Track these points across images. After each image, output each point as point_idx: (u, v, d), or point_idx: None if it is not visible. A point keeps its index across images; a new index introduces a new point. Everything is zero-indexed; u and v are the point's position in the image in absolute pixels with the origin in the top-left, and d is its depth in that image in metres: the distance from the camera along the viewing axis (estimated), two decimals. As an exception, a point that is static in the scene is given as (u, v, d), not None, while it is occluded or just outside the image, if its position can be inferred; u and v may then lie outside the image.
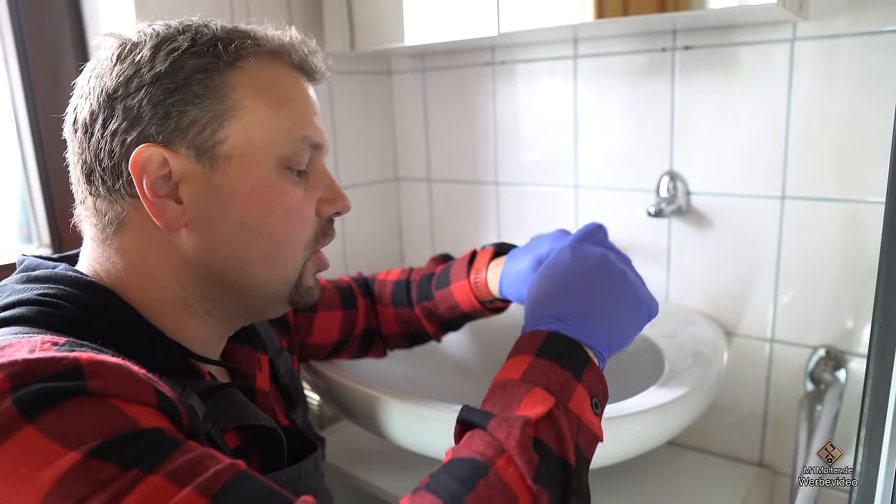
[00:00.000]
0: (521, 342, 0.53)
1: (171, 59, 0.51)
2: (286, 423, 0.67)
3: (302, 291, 0.60)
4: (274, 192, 0.55)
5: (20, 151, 0.93)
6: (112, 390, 0.41)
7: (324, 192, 0.59)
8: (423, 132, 1.26)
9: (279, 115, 0.55)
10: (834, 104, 0.83)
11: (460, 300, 0.78)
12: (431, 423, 0.71)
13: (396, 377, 0.97)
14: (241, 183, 0.53)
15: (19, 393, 0.38)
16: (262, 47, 0.55)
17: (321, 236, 0.60)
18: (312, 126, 0.57)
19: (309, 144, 0.57)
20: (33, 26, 0.90)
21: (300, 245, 0.58)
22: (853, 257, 0.85)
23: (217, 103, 0.52)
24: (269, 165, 0.54)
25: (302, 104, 0.57)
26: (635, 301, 0.56)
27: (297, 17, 1.09)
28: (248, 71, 0.54)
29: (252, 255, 0.55)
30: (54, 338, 0.45)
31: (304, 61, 0.58)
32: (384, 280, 0.87)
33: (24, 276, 0.53)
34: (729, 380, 0.94)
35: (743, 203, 0.92)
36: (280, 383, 0.69)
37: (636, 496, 0.86)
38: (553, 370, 0.49)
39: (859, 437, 0.47)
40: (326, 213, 0.60)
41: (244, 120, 0.53)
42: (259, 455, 0.59)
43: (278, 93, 0.55)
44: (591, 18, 0.82)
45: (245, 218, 0.54)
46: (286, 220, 0.56)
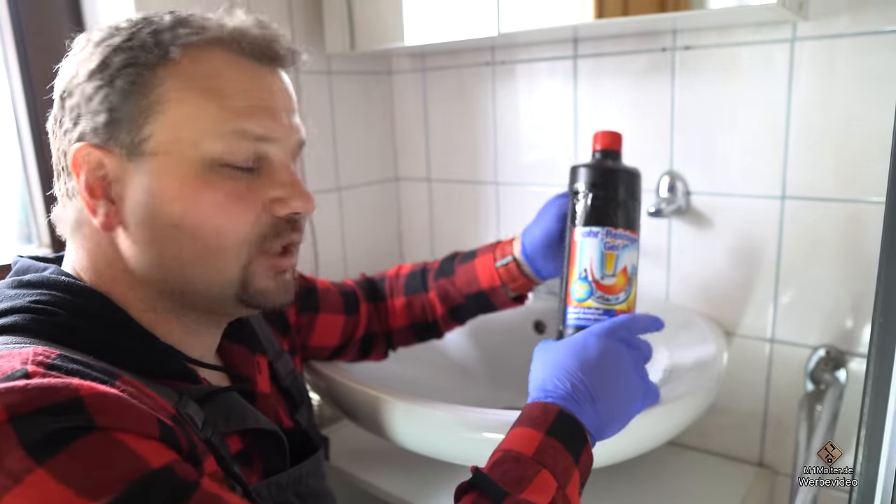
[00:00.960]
0: (535, 413, 0.57)
1: (102, 55, 0.51)
2: (290, 424, 0.66)
3: (252, 293, 0.55)
4: (201, 190, 0.51)
5: (20, 151, 0.93)
6: (117, 424, 0.41)
7: (279, 190, 0.55)
8: (423, 132, 1.26)
9: (208, 107, 0.51)
10: (834, 104, 0.83)
11: (481, 273, 0.80)
12: (432, 423, 0.71)
13: (396, 378, 0.97)
14: (167, 181, 0.51)
15: (22, 428, 0.38)
16: (200, 36, 0.52)
17: (272, 236, 0.55)
18: (255, 118, 0.53)
19: (251, 138, 0.53)
20: (33, 26, 0.89)
21: (237, 244, 0.54)
22: (853, 257, 0.85)
23: (142, 99, 0.50)
24: (196, 161, 0.51)
25: (245, 94, 0.53)
26: (634, 399, 0.62)
27: (297, 17, 1.09)
28: (181, 63, 0.51)
29: (185, 254, 0.53)
30: (46, 350, 0.44)
31: (257, 48, 0.54)
32: (396, 274, 0.88)
33: (16, 281, 0.53)
34: (729, 380, 0.94)
35: (743, 203, 0.92)
36: (281, 385, 0.68)
37: (636, 496, 0.86)
38: (560, 454, 0.54)
39: (859, 437, 0.47)
40: (279, 213, 0.55)
41: (169, 114, 0.51)
42: (261, 458, 0.59)
43: (211, 83, 0.52)
44: (591, 18, 0.82)
45: (173, 217, 0.52)
46: (216, 219, 0.52)
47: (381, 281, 0.88)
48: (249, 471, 0.57)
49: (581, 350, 0.61)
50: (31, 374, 0.41)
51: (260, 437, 0.58)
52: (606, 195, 0.68)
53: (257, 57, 0.54)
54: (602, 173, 0.69)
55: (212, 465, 0.49)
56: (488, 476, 0.52)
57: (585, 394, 0.58)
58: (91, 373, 0.44)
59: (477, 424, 0.68)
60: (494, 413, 0.69)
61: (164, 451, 0.42)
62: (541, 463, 0.53)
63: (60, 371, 0.42)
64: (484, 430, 0.67)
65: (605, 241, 0.67)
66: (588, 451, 0.57)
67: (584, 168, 0.69)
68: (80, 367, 0.44)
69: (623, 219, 0.68)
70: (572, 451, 0.55)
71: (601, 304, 0.66)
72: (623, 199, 0.68)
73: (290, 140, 0.56)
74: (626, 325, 0.64)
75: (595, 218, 0.67)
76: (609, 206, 0.67)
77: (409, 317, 0.85)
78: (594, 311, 0.67)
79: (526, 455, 0.53)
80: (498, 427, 0.66)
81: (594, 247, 0.67)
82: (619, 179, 0.68)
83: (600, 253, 0.67)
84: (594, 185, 0.68)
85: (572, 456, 0.55)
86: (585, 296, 0.67)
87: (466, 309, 0.83)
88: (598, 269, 0.67)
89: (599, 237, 0.67)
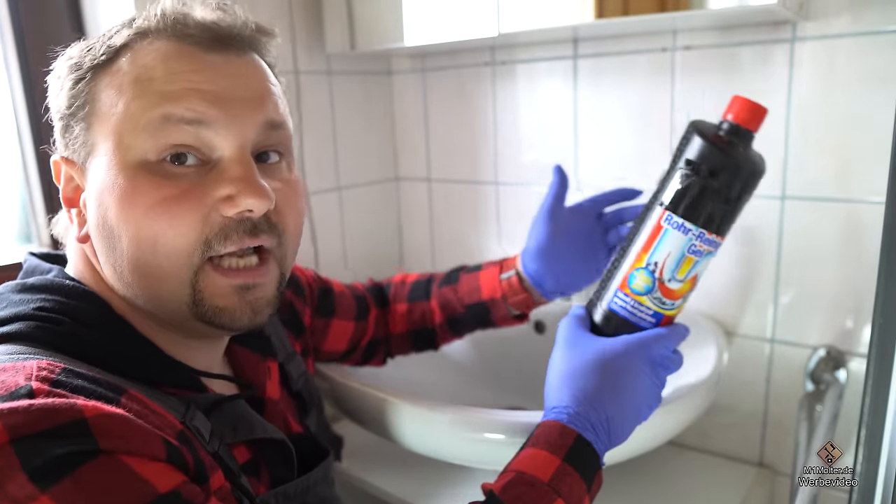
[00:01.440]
0: (552, 436, 0.55)
1: (60, 72, 0.52)
2: (299, 429, 0.65)
3: (207, 311, 0.49)
4: (131, 190, 0.47)
5: (20, 151, 0.93)
6: (122, 446, 0.39)
7: (227, 186, 0.48)
8: (423, 132, 1.26)
9: (131, 98, 0.47)
10: (834, 104, 0.83)
11: (484, 283, 0.80)
12: (434, 424, 0.71)
13: (398, 380, 0.97)
14: (105, 184, 0.48)
15: (25, 451, 0.36)
16: (141, 29, 0.50)
17: (221, 240, 0.49)
18: (184, 100, 0.47)
19: (181, 122, 0.47)
20: (33, 26, 0.89)
21: (179, 254, 0.48)
22: (853, 257, 0.85)
23: (82, 108, 0.50)
24: (128, 160, 0.48)
25: (174, 78, 0.48)
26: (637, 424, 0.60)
27: (298, 17, 1.09)
28: (116, 64, 0.49)
29: (123, 265, 0.49)
30: (51, 363, 0.43)
31: (201, 32, 0.49)
32: (402, 281, 0.87)
33: (20, 285, 0.52)
34: (729, 380, 0.94)
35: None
36: (292, 389, 0.67)
37: (636, 496, 0.86)
38: (575, 482, 0.53)
39: (859, 437, 0.47)
40: (227, 213, 0.48)
41: (101, 117, 0.49)
42: (269, 467, 0.58)
43: (140, 73, 0.48)
44: (591, 19, 0.82)
45: (109, 223, 0.49)
46: (151, 225, 0.47)
47: (387, 287, 0.88)
48: (257, 481, 0.56)
49: (609, 371, 0.57)
50: (35, 392, 0.39)
51: (267, 447, 0.57)
52: (722, 189, 0.56)
53: (203, 42, 0.49)
54: (731, 161, 0.55)
55: (219, 479, 0.48)
56: (502, 499, 0.51)
57: (604, 423, 0.56)
58: (96, 389, 0.42)
59: (478, 425, 0.68)
60: (496, 414, 0.69)
61: (171, 474, 0.41)
62: (556, 491, 0.52)
63: (65, 388, 0.41)
64: (485, 430, 0.67)
65: (693, 243, 0.57)
66: (599, 476, 0.56)
67: (710, 142, 0.56)
68: (85, 384, 0.42)
69: (722, 224, 0.58)
70: (586, 478, 0.54)
71: (654, 306, 0.60)
72: (735, 201, 0.57)
73: (244, 128, 0.49)
74: (663, 341, 0.60)
75: (696, 212, 0.56)
76: (717, 204, 0.56)
77: (408, 322, 0.85)
78: (644, 310, 0.60)
79: (541, 480, 0.52)
80: (499, 428, 0.66)
81: (678, 244, 0.58)
82: (745, 175, 0.56)
83: (681, 254, 0.58)
84: (714, 172, 0.55)
85: (586, 484, 0.54)
86: (643, 290, 0.59)
87: (465, 320, 0.82)
88: (670, 269, 0.58)
89: (689, 237, 0.57)
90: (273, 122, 0.52)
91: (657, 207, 0.59)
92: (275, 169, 0.53)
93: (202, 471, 0.45)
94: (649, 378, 0.59)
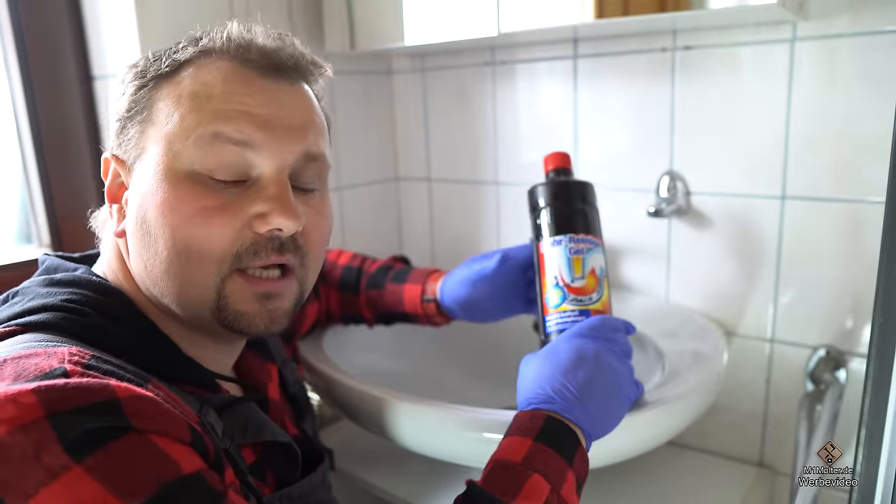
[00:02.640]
0: (522, 422, 0.57)
1: (125, 77, 0.56)
2: (296, 432, 0.66)
3: (229, 315, 0.52)
4: (174, 197, 0.51)
5: (20, 151, 0.93)
6: (152, 426, 0.41)
7: (262, 205, 0.51)
8: (423, 132, 1.26)
9: (187, 110, 0.51)
10: (834, 104, 0.83)
11: (407, 300, 0.84)
12: (432, 423, 0.71)
13: (396, 378, 0.97)
14: (149, 187, 0.52)
15: (61, 425, 0.38)
16: (205, 49, 0.54)
17: (248, 255, 0.52)
18: (235, 122, 0.51)
19: (229, 142, 0.51)
20: (33, 26, 0.89)
21: (209, 260, 0.51)
22: (853, 257, 0.85)
23: (140, 113, 0.54)
24: (175, 167, 0.51)
25: (230, 98, 0.51)
26: (621, 395, 0.61)
27: (298, 17, 1.09)
28: (181, 76, 0.53)
29: (155, 265, 0.52)
30: (81, 350, 0.45)
31: (262, 59, 0.53)
32: (334, 262, 0.90)
33: (47, 279, 0.54)
34: (729, 380, 0.94)
35: (743, 203, 0.92)
36: (289, 393, 0.69)
37: (636, 496, 0.86)
38: (551, 457, 0.54)
39: (859, 437, 0.47)
40: (259, 230, 0.52)
41: (156, 123, 0.53)
42: (273, 470, 0.59)
43: (200, 89, 0.52)
44: (591, 19, 0.82)
45: (148, 224, 0.52)
46: (187, 231, 0.50)
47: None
48: (262, 483, 0.57)
49: (554, 354, 0.61)
50: (69, 373, 0.42)
51: (273, 449, 0.58)
52: (565, 206, 0.72)
53: (261, 68, 0.53)
54: (557, 187, 0.74)
55: (230, 475, 0.49)
56: (481, 487, 0.52)
57: (571, 395, 0.58)
58: (124, 374, 0.45)
59: (476, 424, 0.68)
60: (494, 413, 0.69)
61: (195, 458, 0.43)
62: (530, 468, 0.53)
63: (97, 370, 0.43)
64: (483, 430, 0.67)
65: (570, 246, 0.70)
66: (582, 451, 0.57)
67: (540, 187, 0.74)
68: (114, 369, 0.45)
69: (583, 225, 0.71)
70: (564, 453, 0.55)
71: (576, 306, 0.68)
72: (580, 208, 0.72)
73: (285, 153, 0.53)
74: (594, 326, 0.64)
75: (557, 228, 0.71)
76: (569, 216, 0.72)
77: (340, 308, 0.90)
78: (570, 314, 0.68)
79: (515, 462, 0.53)
80: (498, 427, 0.66)
81: (560, 253, 0.70)
82: (573, 190, 0.73)
83: (567, 258, 0.70)
84: (553, 199, 0.73)
85: (565, 458, 0.54)
86: (560, 301, 0.69)
87: (392, 320, 0.88)
88: (567, 273, 0.69)
89: (563, 244, 0.70)
90: (311, 154, 0.55)
91: (536, 248, 0.73)
92: (308, 196, 0.57)
93: (220, 461, 0.47)
94: (601, 346, 0.62)
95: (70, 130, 0.94)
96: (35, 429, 0.38)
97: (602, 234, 0.74)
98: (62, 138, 0.93)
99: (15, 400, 0.38)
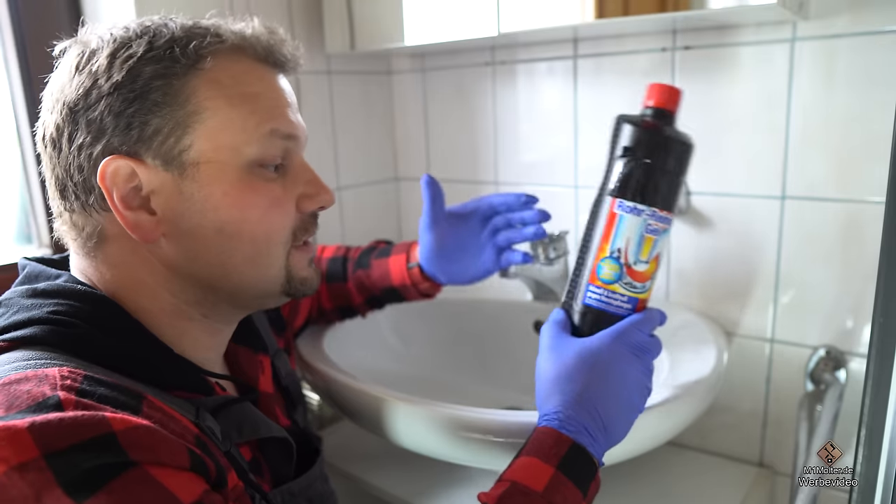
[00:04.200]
0: (545, 443, 0.55)
1: (127, 66, 0.50)
2: (287, 423, 0.67)
3: (297, 283, 0.59)
4: (247, 194, 0.53)
5: (20, 151, 0.93)
6: (150, 457, 0.41)
7: (304, 186, 0.58)
8: (423, 132, 1.26)
9: (243, 112, 0.53)
10: (834, 104, 0.83)
11: (393, 271, 0.84)
12: (432, 423, 0.71)
13: (396, 377, 0.97)
14: (212, 188, 0.52)
15: (58, 465, 0.38)
16: (223, 44, 0.53)
17: (301, 231, 0.59)
18: (282, 118, 0.55)
19: (280, 137, 0.55)
20: (33, 26, 0.89)
21: (281, 244, 0.57)
22: (853, 257, 0.85)
23: (178, 109, 0.50)
24: (238, 166, 0.53)
25: (269, 97, 0.55)
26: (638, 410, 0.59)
27: (297, 17, 1.09)
28: (209, 71, 0.52)
29: (235, 259, 0.54)
30: (73, 371, 0.44)
31: (270, 52, 0.56)
32: (318, 257, 0.90)
33: (30, 290, 0.52)
34: (729, 380, 0.94)
35: (743, 203, 0.92)
36: (281, 384, 0.69)
37: (636, 496, 0.86)
38: (570, 491, 0.53)
39: (859, 437, 0.47)
40: (308, 209, 0.58)
41: (207, 123, 0.51)
42: (269, 466, 0.59)
43: (241, 89, 0.53)
44: (591, 18, 0.82)
45: (222, 224, 0.53)
46: (265, 221, 0.55)
47: None
48: (261, 479, 0.57)
49: (595, 368, 0.57)
50: (63, 403, 0.41)
51: (269, 445, 0.58)
52: (661, 167, 0.59)
53: (269, 62, 0.56)
54: (662, 140, 0.59)
55: (233, 478, 0.50)
56: None
57: (599, 424, 0.56)
58: (119, 397, 0.44)
59: (477, 424, 0.68)
60: (494, 413, 0.69)
61: (195, 483, 0.43)
62: (550, 502, 0.52)
63: (91, 397, 0.43)
64: (484, 430, 0.67)
65: (649, 223, 0.59)
66: (596, 480, 0.55)
67: (640, 128, 0.60)
68: (108, 391, 0.44)
69: (672, 199, 0.60)
70: (582, 486, 0.54)
71: (627, 291, 0.61)
72: (675, 176, 0.60)
73: (304, 137, 0.59)
74: (639, 326, 0.60)
75: (644, 193, 0.59)
76: (661, 182, 0.59)
77: (331, 301, 0.90)
78: (619, 298, 0.61)
79: (536, 491, 0.52)
80: (498, 428, 0.66)
81: (635, 227, 0.59)
82: (677, 151, 0.60)
83: (640, 235, 0.59)
84: (652, 153, 0.59)
85: (581, 491, 0.54)
86: (613, 279, 0.61)
87: (382, 299, 0.88)
88: (633, 252, 0.60)
89: (643, 217, 0.59)
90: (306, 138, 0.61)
91: (607, 198, 0.61)
92: None
93: (222, 475, 0.47)
94: (635, 367, 0.58)
95: (70, 130, 0.94)
96: (32, 469, 0.38)
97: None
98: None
99: (10, 438, 0.38)
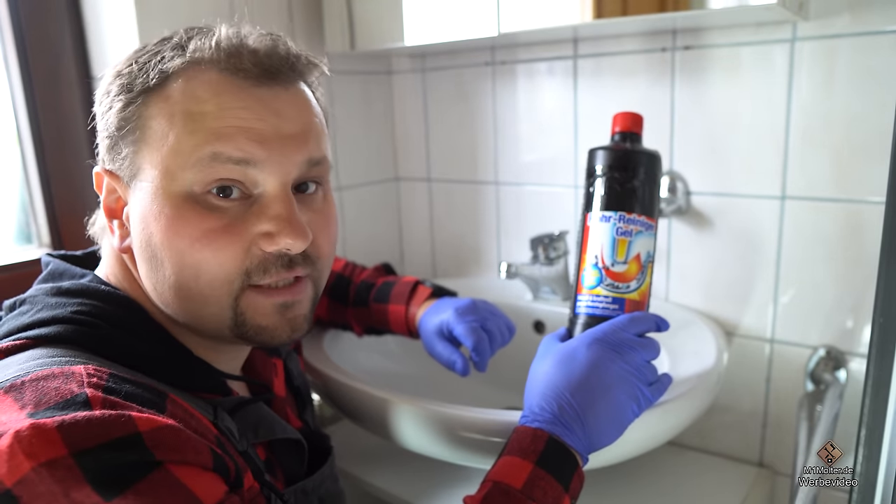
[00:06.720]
0: (524, 440, 0.55)
1: (108, 80, 0.53)
2: (299, 424, 0.67)
3: (249, 330, 0.52)
4: (177, 221, 0.49)
5: (20, 151, 0.93)
6: (175, 457, 0.42)
7: (267, 223, 0.50)
8: (423, 132, 1.26)
9: (182, 131, 0.49)
10: (834, 104, 0.83)
11: (393, 322, 0.85)
12: (432, 423, 0.71)
13: (396, 378, 0.97)
14: (151, 211, 0.50)
15: (86, 463, 0.39)
16: (193, 58, 0.50)
17: (260, 273, 0.51)
18: (232, 140, 0.48)
19: (229, 162, 0.49)
20: (33, 26, 0.89)
21: (220, 281, 0.50)
22: (853, 257, 0.85)
23: (132, 132, 0.51)
24: (172, 192, 0.49)
25: (224, 115, 0.49)
26: (625, 408, 0.59)
27: (298, 17, 1.09)
28: (169, 88, 0.50)
29: (165, 287, 0.51)
30: (98, 369, 0.45)
31: (253, 65, 0.50)
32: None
33: (55, 288, 0.53)
34: (729, 380, 0.94)
35: (743, 203, 0.92)
36: (293, 385, 0.69)
37: (636, 496, 0.86)
38: (550, 485, 0.54)
39: (859, 437, 0.47)
40: (267, 249, 0.51)
41: (151, 144, 0.50)
42: (283, 466, 0.59)
43: (192, 107, 0.49)
44: (591, 19, 0.82)
45: (153, 247, 0.51)
46: (194, 255, 0.49)
47: None
48: (274, 479, 0.58)
49: (569, 363, 0.59)
50: (90, 400, 0.41)
51: (282, 446, 0.59)
52: (623, 179, 0.65)
53: (253, 77, 0.50)
54: (619, 156, 0.66)
55: (249, 479, 0.50)
56: None
57: (573, 415, 0.56)
58: (143, 394, 0.45)
59: (477, 425, 0.68)
60: (494, 413, 0.69)
61: (216, 485, 0.44)
62: (530, 497, 0.52)
63: (117, 395, 0.43)
64: (484, 430, 0.67)
65: (618, 226, 0.65)
66: (579, 473, 0.56)
67: (601, 150, 0.67)
68: (133, 389, 0.44)
69: (639, 204, 0.65)
70: (562, 479, 0.54)
71: (611, 292, 0.64)
72: (640, 184, 0.65)
73: (287, 167, 0.51)
74: (620, 328, 0.61)
75: (609, 202, 0.65)
76: (625, 191, 0.65)
77: (329, 315, 0.91)
78: (603, 300, 0.64)
79: (515, 488, 0.53)
80: (498, 428, 0.66)
81: (606, 232, 0.65)
82: (637, 162, 0.65)
83: (612, 239, 0.65)
84: (611, 168, 0.65)
85: (562, 485, 0.54)
86: (595, 283, 0.65)
87: (381, 333, 0.89)
88: (608, 255, 0.65)
89: (612, 222, 0.65)
90: (314, 160, 0.53)
91: (583, 217, 0.67)
92: (311, 199, 0.55)
93: (239, 476, 0.47)
94: (615, 363, 0.59)
95: (70, 130, 0.94)
96: (61, 467, 0.38)
97: (658, 215, 0.68)
98: (62, 138, 0.93)
99: (39, 436, 0.38)
